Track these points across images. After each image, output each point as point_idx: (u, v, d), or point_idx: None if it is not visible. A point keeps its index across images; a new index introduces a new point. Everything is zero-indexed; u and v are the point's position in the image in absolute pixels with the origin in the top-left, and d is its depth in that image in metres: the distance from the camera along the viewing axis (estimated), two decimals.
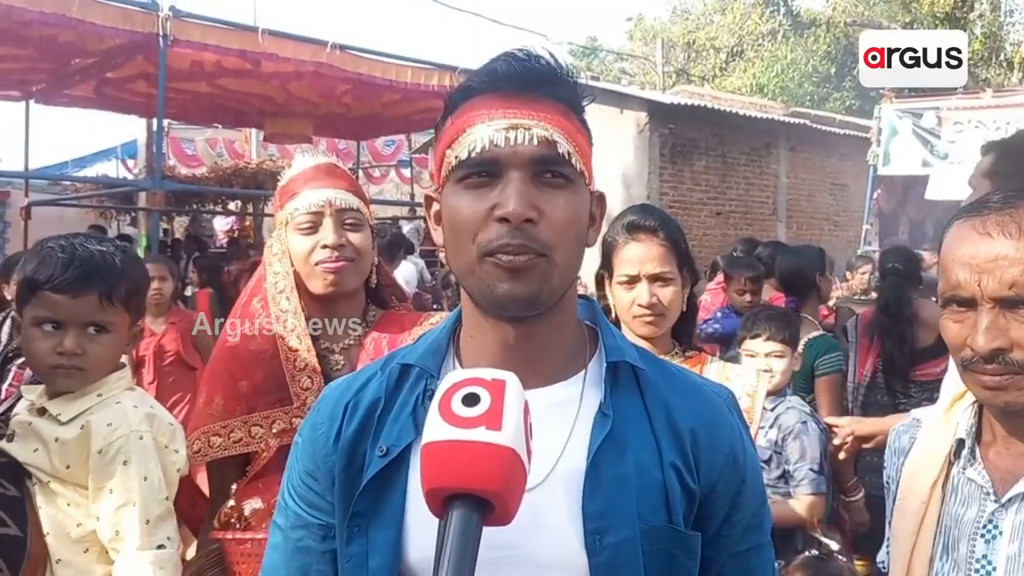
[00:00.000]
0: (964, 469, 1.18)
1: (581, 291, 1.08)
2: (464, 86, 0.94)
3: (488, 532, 0.74)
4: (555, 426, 0.92)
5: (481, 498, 0.73)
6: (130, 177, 13.28)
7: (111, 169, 15.00)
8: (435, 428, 0.75)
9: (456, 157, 0.91)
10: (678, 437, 0.94)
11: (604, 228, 1.86)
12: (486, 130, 0.89)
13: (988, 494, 1.14)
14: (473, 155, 0.90)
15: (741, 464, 0.97)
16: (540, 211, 0.89)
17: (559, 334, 0.97)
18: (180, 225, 14.76)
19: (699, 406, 0.98)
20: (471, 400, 0.75)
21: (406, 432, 0.94)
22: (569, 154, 0.90)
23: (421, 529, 0.89)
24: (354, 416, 0.98)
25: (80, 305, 1.50)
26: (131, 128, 13.65)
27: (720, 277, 4.66)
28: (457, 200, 0.91)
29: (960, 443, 1.19)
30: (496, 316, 0.93)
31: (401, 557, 0.91)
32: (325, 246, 1.68)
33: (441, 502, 0.74)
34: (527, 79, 0.91)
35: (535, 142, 0.89)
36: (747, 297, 4.06)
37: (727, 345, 3.71)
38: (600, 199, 0.99)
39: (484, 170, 0.90)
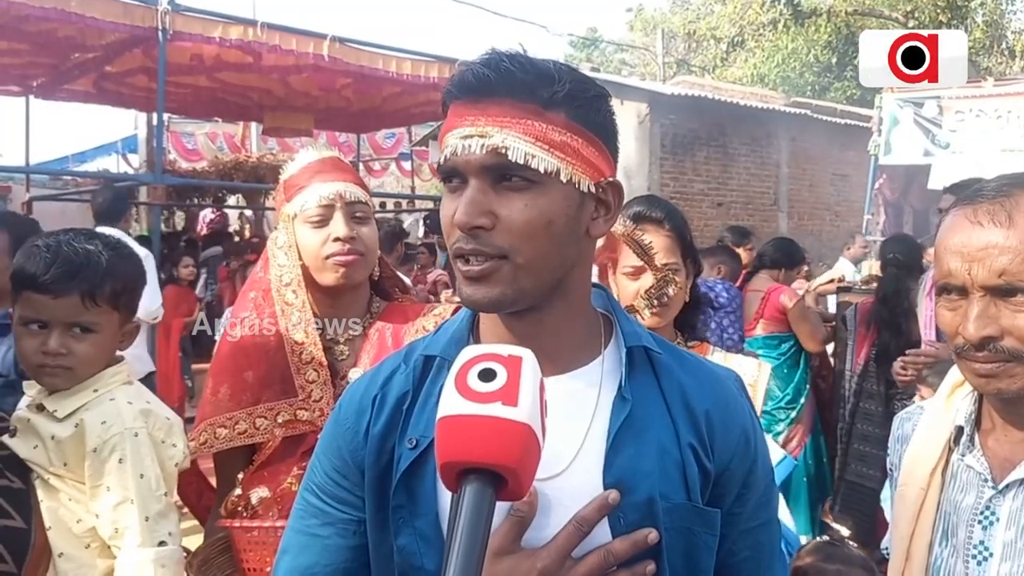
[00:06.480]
0: (963, 456, 1.18)
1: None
2: (444, 91, 0.96)
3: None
4: (576, 413, 0.94)
5: (495, 473, 0.73)
6: (131, 171, 13.26)
7: (112, 163, 15.01)
8: (451, 402, 0.75)
9: (439, 162, 0.94)
10: (694, 418, 0.97)
11: None
12: (451, 139, 0.92)
13: (986, 481, 1.14)
14: (444, 163, 0.93)
15: (752, 444, 1.00)
16: (497, 216, 0.90)
17: (570, 323, 0.98)
18: (180, 219, 14.74)
19: (712, 388, 1.01)
20: (487, 375, 0.76)
21: (432, 423, 0.95)
22: (528, 157, 0.89)
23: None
24: (383, 410, 0.99)
25: (62, 305, 1.48)
26: (131, 122, 13.65)
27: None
28: (443, 203, 0.94)
29: (959, 430, 1.20)
30: None
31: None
32: (337, 239, 1.67)
33: (455, 476, 0.74)
34: (487, 84, 0.91)
35: (484, 151, 0.90)
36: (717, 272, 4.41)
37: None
38: (611, 187, 0.98)
39: (455, 176, 0.93)
